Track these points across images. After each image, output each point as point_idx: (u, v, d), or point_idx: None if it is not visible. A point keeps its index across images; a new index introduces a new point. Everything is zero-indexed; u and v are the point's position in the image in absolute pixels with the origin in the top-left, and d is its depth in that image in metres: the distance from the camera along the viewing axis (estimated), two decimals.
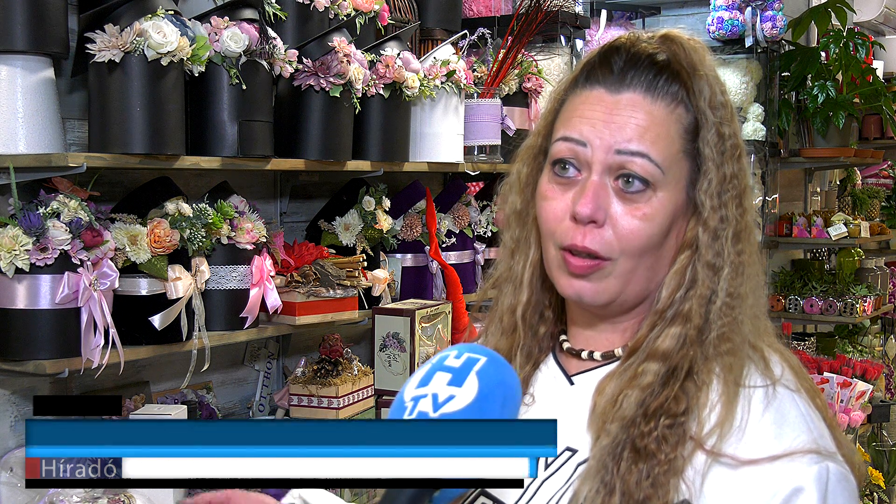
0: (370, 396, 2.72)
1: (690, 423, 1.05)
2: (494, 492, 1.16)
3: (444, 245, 3.00)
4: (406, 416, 0.92)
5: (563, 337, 1.22)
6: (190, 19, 2.13)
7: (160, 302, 2.13)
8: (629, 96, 1.10)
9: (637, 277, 1.11)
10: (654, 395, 1.06)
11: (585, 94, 1.13)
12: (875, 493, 4.67)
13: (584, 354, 1.18)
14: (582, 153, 1.10)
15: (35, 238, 1.90)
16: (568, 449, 1.13)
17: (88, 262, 1.96)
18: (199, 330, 2.23)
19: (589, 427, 1.09)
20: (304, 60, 2.38)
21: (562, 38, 3.36)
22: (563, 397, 1.17)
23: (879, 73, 5.16)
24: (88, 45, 1.97)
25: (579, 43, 3.45)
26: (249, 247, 2.31)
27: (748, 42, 4.11)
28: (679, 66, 1.10)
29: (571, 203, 1.10)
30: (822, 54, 4.56)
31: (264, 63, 2.25)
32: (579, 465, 1.10)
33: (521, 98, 3.17)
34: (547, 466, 1.13)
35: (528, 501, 1.13)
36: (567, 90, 1.16)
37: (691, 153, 1.10)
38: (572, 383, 1.18)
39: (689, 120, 1.10)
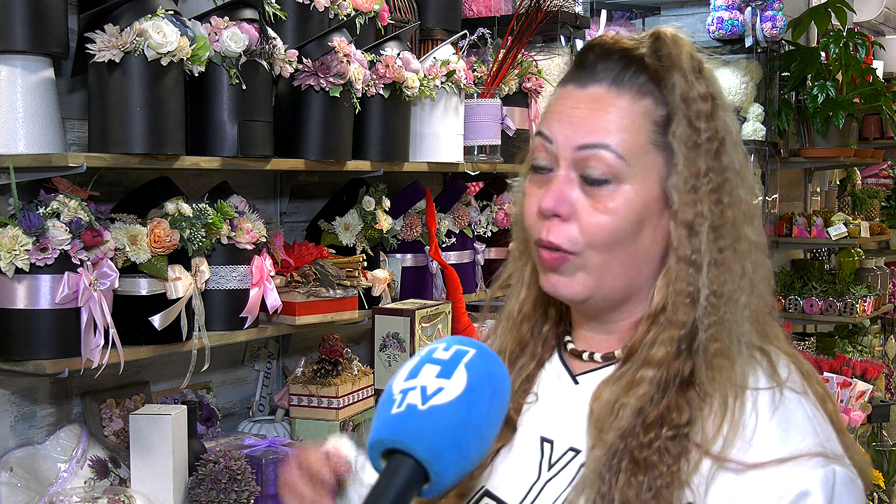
0: (370, 396, 2.72)
1: (694, 433, 1.03)
2: (498, 492, 1.16)
3: (443, 245, 3.00)
4: (394, 409, 0.91)
5: (567, 338, 1.22)
6: (190, 19, 2.13)
7: (160, 302, 2.13)
8: (594, 90, 1.09)
9: (612, 273, 1.09)
10: (653, 404, 1.05)
11: (560, 91, 1.14)
12: (875, 494, 4.67)
13: (586, 356, 1.18)
14: (550, 149, 1.10)
15: (35, 238, 1.90)
16: (571, 449, 1.12)
17: (88, 262, 1.96)
18: (199, 330, 2.23)
19: (587, 432, 1.09)
20: (304, 60, 2.38)
21: (562, 38, 3.36)
22: (568, 397, 1.17)
23: (879, 73, 5.16)
24: (88, 45, 1.97)
25: (579, 43, 3.45)
26: (249, 247, 2.31)
27: (748, 42, 4.11)
28: (652, 59, 1.09)
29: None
30: (822, 54, 4.56)
31: (264, 63, 2.25)
32: (582, 465, 1.09)
33: (521, 98, 3.17)
34: (550, 467, 1.13)
35: (532, 502, 1.13)
36: (555, 91, 1.17)
37: (663, 146, 1.08)
38: (577, 383, 1.17)
39: (659, 113, 1.09)
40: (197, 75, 2.12)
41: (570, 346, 1.20)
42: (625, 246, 1.08)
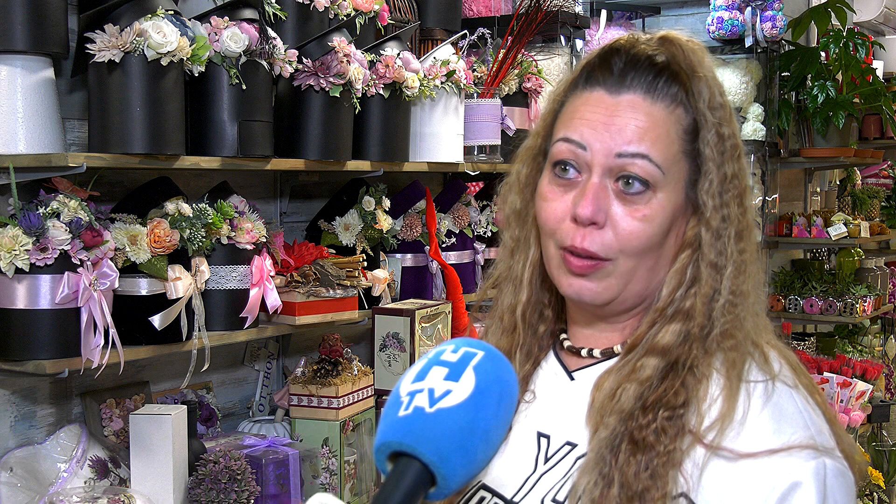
0: (370, 396, 2.72)
1: (689, 416, 1.06)
2: (494, 485, 1.17)
3: (443, 245, 3.00)
4: (402, 412, 0.91)
5: (563, 335, 1.22)
6: (190, 19, 2.13)
7: (160, 302, 2.13)
8: (629, 98, 1.10)
9: (638, 277, 1.12)
10: (653, 388, 1.07)
11: (586, 96, 1.13)
12: (875, 493, 4.67)
13: (584, 352, 1.19)
14: (582, 155, 1.11)
15: (35, 238, 1.90)
16: (567, 443, 1.13)
17: (88, 262, 1.96)
18: (199, 330, 2.23)
19: (587, 422, 1.10)
20: (304, 60, 2.38)
21: (562, 38, 3.36)
22: (564, 392, 1.18)
23: (879, 73, 5.16)
24: (88, 45, 1.97)
25: (579, 43, 3.45)
26: (249, 247, 2.31)
27: (748, 42, 4.11)
28: (678, 68, 1.11)
29: (572, 205, 1.10)
30: (822, 54, 4.56)
31: (264, 63, 2.25)
32: (578, 459, 1.10)
33: (521, 98, 3.17)
34: (546, 460, 1.14)
35: (527, 494, 1.13)
36: (567, 91, 1.17)
37: (691, 154, 1.11)
38: (572, 378, 1.18)
39: (688, 121, 1.11)
40: (197, 75, 2.12)
41: (566, 343, 1.21)
42: (654, 251, 1.11)
